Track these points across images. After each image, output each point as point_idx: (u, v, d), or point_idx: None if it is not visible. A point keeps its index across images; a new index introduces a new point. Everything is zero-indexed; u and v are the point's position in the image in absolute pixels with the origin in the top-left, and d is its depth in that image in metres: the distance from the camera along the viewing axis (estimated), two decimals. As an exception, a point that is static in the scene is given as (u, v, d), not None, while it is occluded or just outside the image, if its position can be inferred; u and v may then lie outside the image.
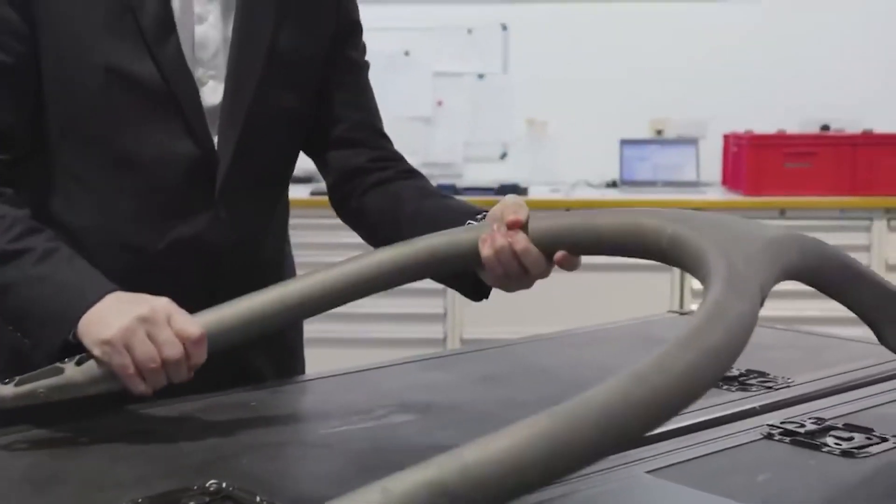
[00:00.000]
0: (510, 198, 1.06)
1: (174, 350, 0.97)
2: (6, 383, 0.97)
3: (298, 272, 1.42)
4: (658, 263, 0.91)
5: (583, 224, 0.95)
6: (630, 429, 0.62)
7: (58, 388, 0.96)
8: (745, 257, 0.77)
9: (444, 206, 1.22)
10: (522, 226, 1.01)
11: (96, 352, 0.98)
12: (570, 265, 1.02)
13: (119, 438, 0.96)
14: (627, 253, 0.93)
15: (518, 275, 1.03)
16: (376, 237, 1.26)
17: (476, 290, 1.15)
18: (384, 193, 1.28)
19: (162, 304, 1.00)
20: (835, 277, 0.89)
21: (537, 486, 0.60)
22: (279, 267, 1.35)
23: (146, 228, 1.19)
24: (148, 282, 1.09)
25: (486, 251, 1.02)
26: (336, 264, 1.03)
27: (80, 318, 1.00)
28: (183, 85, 1.16)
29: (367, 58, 1.35)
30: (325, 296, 1.02)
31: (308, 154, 1.36)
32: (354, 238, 1.34)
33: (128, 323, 0.98)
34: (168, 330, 0.98)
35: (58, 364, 0.98)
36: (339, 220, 1.34)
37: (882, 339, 0.94)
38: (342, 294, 1.02)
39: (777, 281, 0.81)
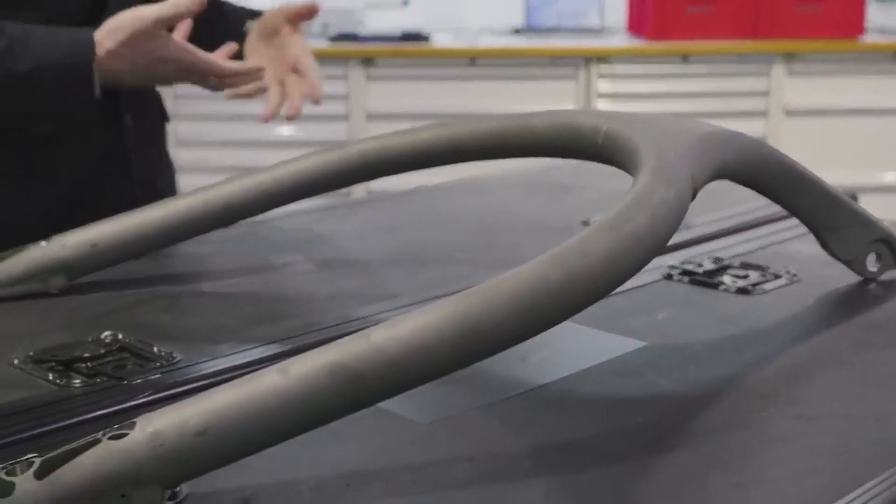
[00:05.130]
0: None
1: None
2: None
3: None
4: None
5: (517, 126, 0.92)
6: (546, 312, 0.60)
7: None
8: (678, 150, 0.75)
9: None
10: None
11: None
12: None
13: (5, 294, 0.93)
14: (563, 153, 0.89)
15: None
16: None
17: None
18: None
19: None
20: (776, 180, 0.86)
21: (448, 370, 0.58)
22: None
23: None
24: None
25: None
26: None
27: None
28: None
29: None
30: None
31: None
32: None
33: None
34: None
35: None
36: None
37: (824, 246, 0.92)
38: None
39: (713, 177, 0.78)
